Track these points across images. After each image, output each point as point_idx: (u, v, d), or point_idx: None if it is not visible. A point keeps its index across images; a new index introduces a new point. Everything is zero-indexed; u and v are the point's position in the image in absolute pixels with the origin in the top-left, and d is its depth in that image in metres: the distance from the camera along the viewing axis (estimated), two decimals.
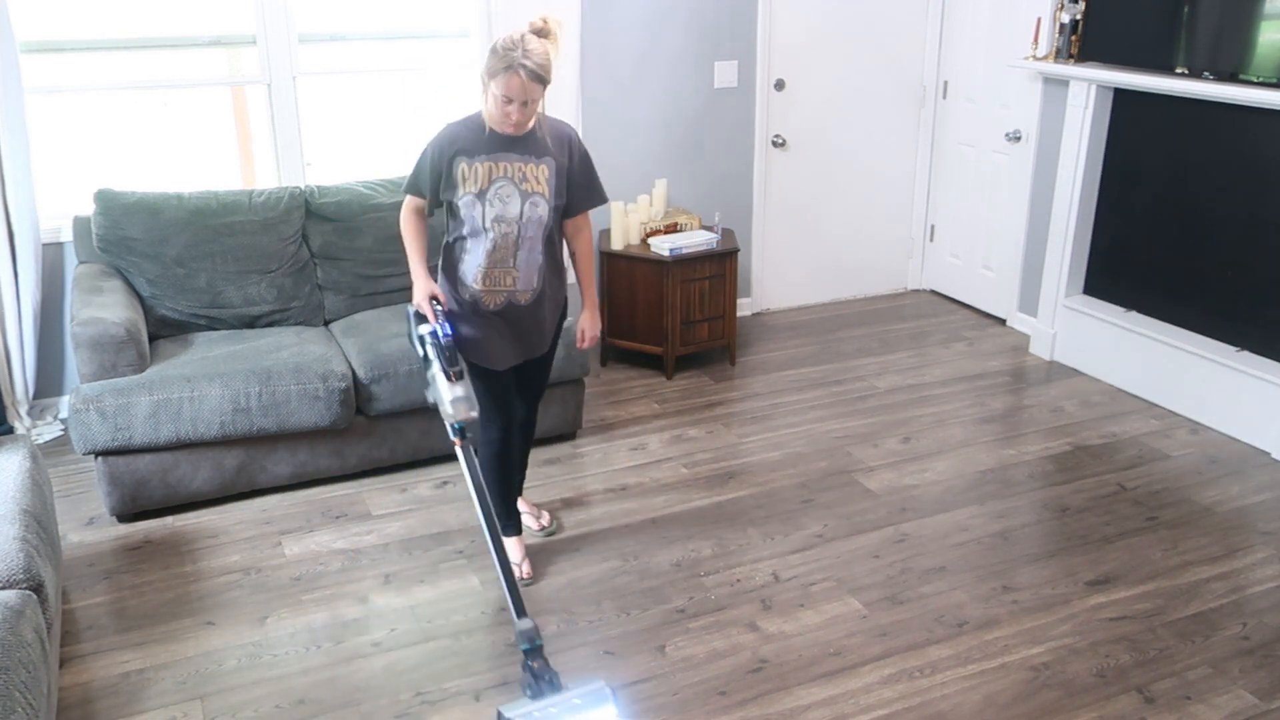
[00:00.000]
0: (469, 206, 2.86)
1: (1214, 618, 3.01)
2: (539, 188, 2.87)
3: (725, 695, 2.70)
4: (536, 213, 2.88)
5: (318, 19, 4.32)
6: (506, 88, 2.71)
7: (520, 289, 2.97)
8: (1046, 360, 4.88)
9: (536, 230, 2.91)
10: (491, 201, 2.85)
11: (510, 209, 2.86)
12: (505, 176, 2.85)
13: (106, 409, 3.30)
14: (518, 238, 2.89)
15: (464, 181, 2.84)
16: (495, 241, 2.88)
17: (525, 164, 2.85)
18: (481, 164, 2.83)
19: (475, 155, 2.83)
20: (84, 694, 2.70)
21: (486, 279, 2.92)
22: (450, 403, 2.69)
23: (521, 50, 2.69)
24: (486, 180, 2.84)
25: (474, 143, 2.83)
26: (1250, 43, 3.82)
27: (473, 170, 2.83)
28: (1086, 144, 4.56)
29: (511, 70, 2.68)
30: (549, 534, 3.44)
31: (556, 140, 2.91)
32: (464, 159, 2.83)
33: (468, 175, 2.84)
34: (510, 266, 2.92)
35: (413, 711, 2.64)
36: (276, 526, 3.47)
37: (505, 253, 2.90)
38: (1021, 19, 4.86)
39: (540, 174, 2.87)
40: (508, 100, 2.73)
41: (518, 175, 2.85)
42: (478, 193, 2.85)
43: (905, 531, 3.46)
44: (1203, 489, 3.73)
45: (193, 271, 3.85)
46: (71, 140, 4.14)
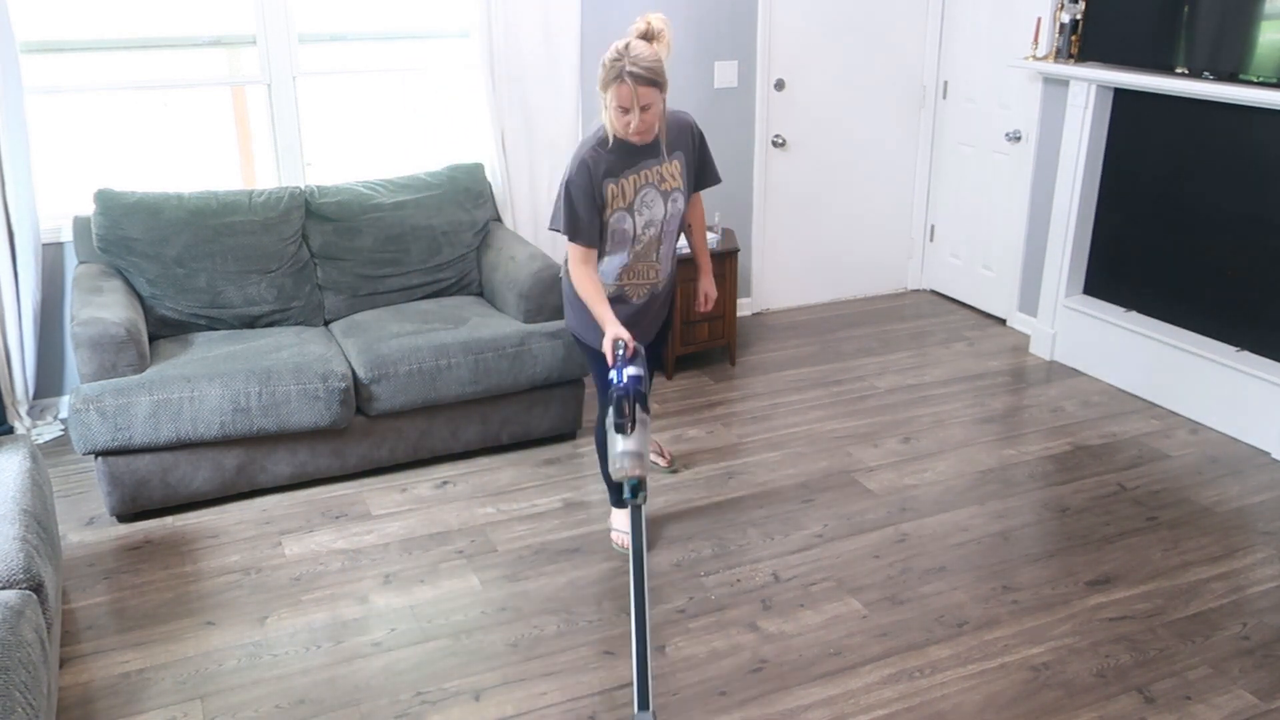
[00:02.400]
0: (619, 221, 2.94)
1: (1214, 618, 3.01)
2: (676, 184, 3.00)
3: (725, 695, 2.70)
4: (677, 207, 3.03)
5: (318, 19, 4.32)
6: (619, 98, 2.75)
7: (661, 279, 3.14)
8: (1046, 360, 4.88)
9: (676, 223, 3.06)
10: (639, 211, 2.96)
11: (656, 212, 2.99)
12: (649, 184, 2.95)
13: (106, 409, 3.30)
14: (660, 234, 3.03)
15: (612, 200, 2.92)
16: (644, 244, 3.01)
17: (661, 165, 2.96)
18: (628, 179, 2.91)
19: (619, 174, 2.90)
20: (84, 694, 2.70)
21: (630, 274, 3.05)
22: (617, 456, 2.53)
23: (628, 58, 2.72)
24: (634, 192, 2.93)
25: (612, 162, 2.89)
26: (1250, 43, 3.82)
27: (620, 188, 2.91)
28: (1086, 144, 4.57)
29: (620, 80, 2.73)
30: (673, 471, 3.69)
31: (679, 132, 3.00)
32: (611, 181, 2.90)
33: (616, 194, 2.92)
34: (654, 260, 3.08)
35: (413, 711, 2.64)
36: (276, 526, 3.47)
37: (649, 249, 3.04)
38: (1021, 19, 4.86)
39: (675, 170, 2.99)
40: (624, 110, 2.78)
41: (656, 178, 2.96)
42: (626, 207, 2.93)
43: (905, 531, 3.46)
44: (1203, 489, 3.73)
45: (193, 271, 3.85)
46: (71, 140, 4.14)
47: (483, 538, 3.41)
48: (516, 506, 3.60)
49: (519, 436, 3.96)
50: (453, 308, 4.06)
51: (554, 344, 3.83)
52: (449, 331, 3.80)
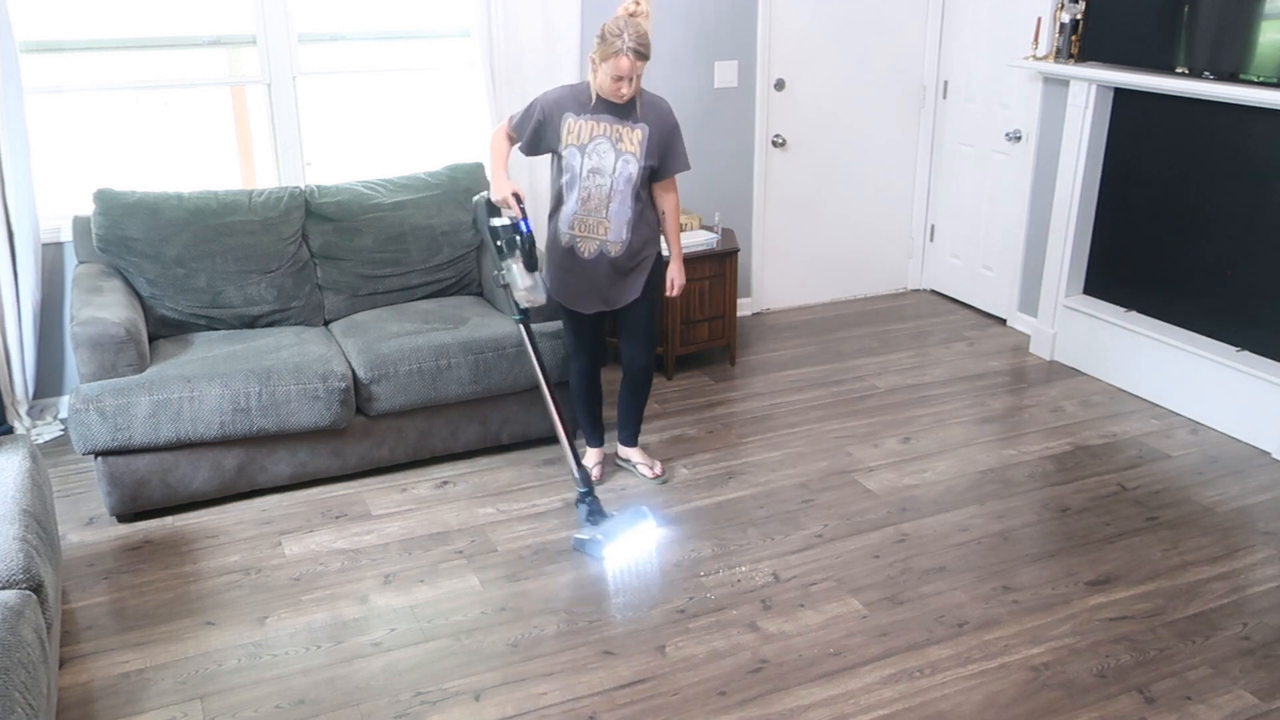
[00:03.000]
0: (571, 156, 3.31)
1: (1214, 618, 3.01)
2: (632, 148, 3.30)
3: (725, 695, 2.70)
4: (627, 169, 3.31)
5: (318, 19, 4.32)
6: (616, 68, 3.15)
7: (611, 239, 3.38)
8: (1046, 360, 4.88)
9: (626, 185, 3.32)
10: (590, 154, 3.30)
11: (605, 162, 3.30)
12: (604, 135, 3.29)
13: (106, 409, 3.30)
14: (609, 190, 3.32)
15: (568, 134, 3.30)
16: (590, 191, 3.33)
17: (622, 126, 3.30)
18: (585, 122, 3.30)
19: (581, 114, 3.30)
20: (84, 694, 2.70)
21: (581, 225, 3.37)
22: (525, 289, 3.28)
23: (628, 34, 3.11)
24: (588, 136, 3.29)
25: (581, 105, 3.30)
26: (1250, 43, 3.82)
27: (577, 126, 3.30)
28: (1086, 144, 4.56)
29: (620, 53, 3.12)
30: (663, 482, 3.77)
31: (653, 110, 3.32)
32: (571, 116, 3.30)
33: (573, 129, 3.30)
34: (603, 216, 3.35)
35: (413, 711, 2.64)
36: (276, 526, 3.47)
37: (599, 203, 3.34)
38: (1021, 19, 4.86)
39: (635, 136, 3.30)
40: (618, 79, 3.17)
41: (614, 135, 3.29)
42: (579, 146, 3.30)
43: (905, 531, 3.46)
44: (1203, 489, 3.73)
45: (193, 271, 3.85)
46: (71, 140, 4.14)
47: (483, 538, 3.41)
48: (516, 506, 3.60)
49: (519, 436, 3.96)
50: (453, 308, 4.06)
51: (554, 344, 3.83)
52: (449, 331, 3.80)
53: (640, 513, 3.35)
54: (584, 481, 3.37)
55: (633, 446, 3.83)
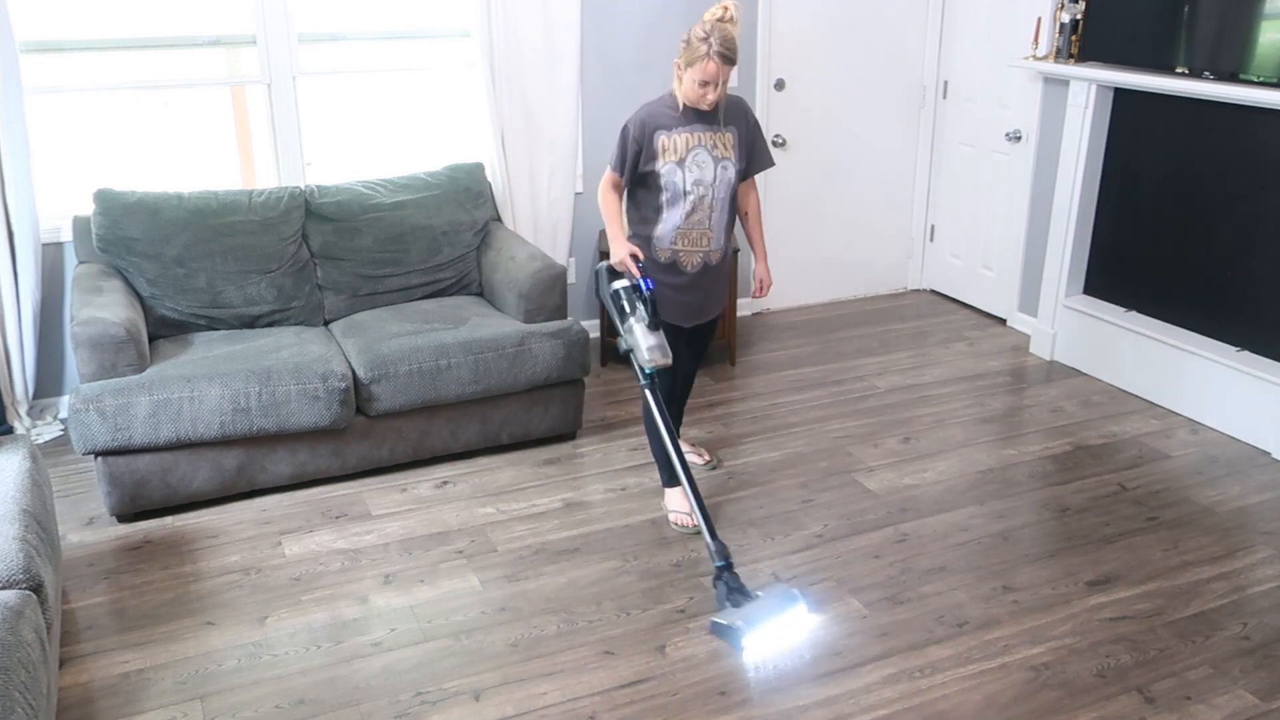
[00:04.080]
0: (670, 173, 3.21)
1: (1214, 618, 3.01)
2: (728, 153, 3.25)
3: (725, 695, 2.70)
4: (727, 175, 3.26)
5: (318, 19, 4.32)
6: (704, 73, 3.08)
7: (713, 249, 3.34)
8: (1046, 360, 4.88)
9: (726, 191, 3.29)
10: (690, 168, 3.22)
11: (706, 173, 3.23)
12: (700, 145, 3.22)
13: (106, 409, 3.30)
14: (712, 200, 3.26)
15: (664, 152, 3.20)
16: (694, 203, 3.25)
17: (715, 133, 3.23)
18: (679, 135, 3.20)
19: (673, 129, 3.20)
20: (84, 694, 2.70)
21: (684, 239, 3.28)
22: (648, 349, 3.05)
23: (714, 39, 3.05)
24: (685, 149, 3.21)
25: (670, 118, 3.21)
26: (1250, 43, 3.82)
27: (672, 141, 3.20)
28: (1086, 144, 4.56)
29: (707, 58, 3.06)
30: (712, 468, 3.78)
31: (736, 111, 3.28)
32: (663, 133, 3.20)
33: (668, 146, 3.20)
34: (706, 227, 3.29)
35: (413, 711, 2.64)
36: (276, 526, 3.47)
37: (703, 214, 3.27)
38: (1021, 19, 4.86)
39: (727, 140, 3.25)
40: (704, 84, 3.11)
41: (709, 143, 3.23)
42: (678, 160, 3.21)
43: (905, 531, 3.46)
44: (1203, 489, 3.73)
45: (193, 271, 3.85)
46: (71, 140, 4.14)
47: (483, 538, 3.41)
48: (516, 506, 3.60)
49: (519, 436, 3.96)
50: (453, 308, 4.06)
51: (554, 344, 3.83)
52: (449, 331, 3.80)
53: (790, 596, 2.72)
54: (721, 554, 2.82)
55: None
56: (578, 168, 4.77)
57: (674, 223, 3.26)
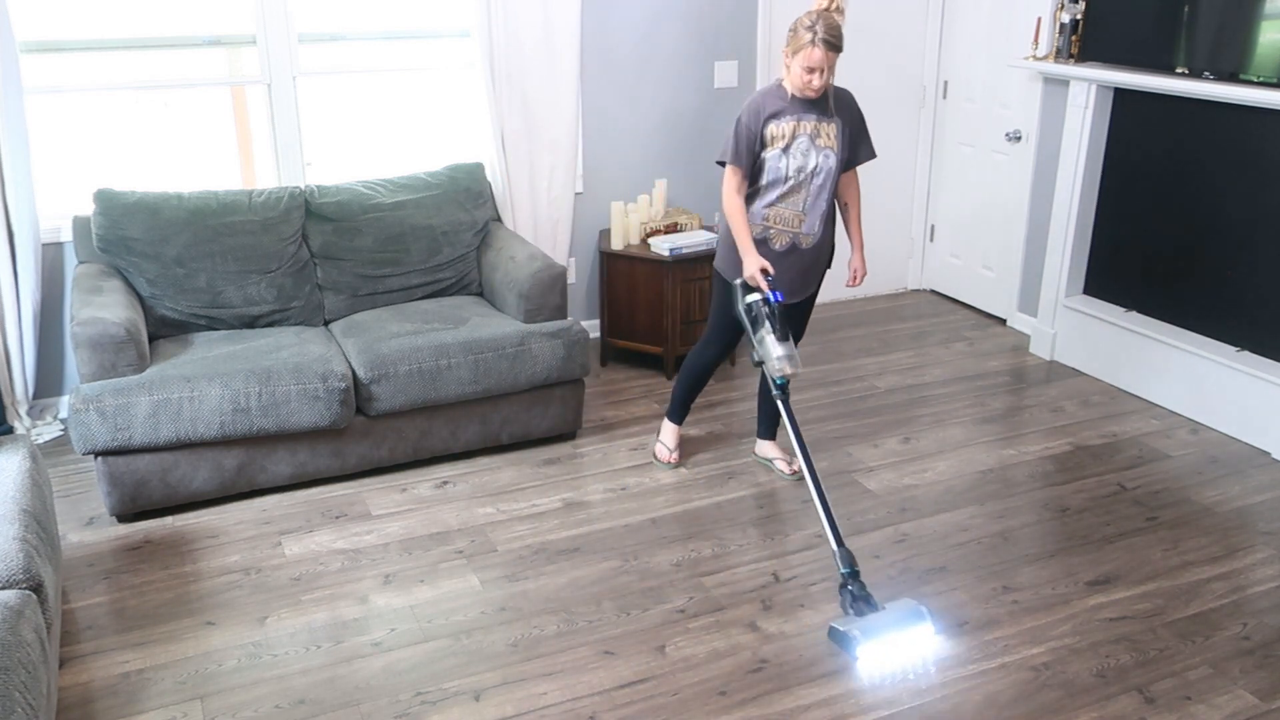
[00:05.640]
0: (775, 159, 3.33)
1: (1214, 618, 3.01)
2: (830, 143, 3.34)
3: (725, 695, 2.70)
4: (828, 164, 3.35)
5: (318, 19, 4.32)
6: (809, 59, 3.17)
7: (804, 232, 3.41)
8: (1046, 360, 4.88)
9: (825, 179, 3.36)
10: (794, 154, 3.32)
11: (809, 160, 3.33)
12: (805, 134, 3.32)
13: (106, 409, 3.30)
14: (810, 186, 3.35)
15: (772, 140, 3.32)
16: (791, 187, 3.35)
17: (820, 123, 3.33)
18: (788, 123, 3.31)
19: (782, 116, 3.30)
20: (84, 694, 2.70)
21: (776, 217, 3.38)
22: (777, 359, 3.15)
23: (820, 26, 3.14)
24: (791, 136, 3.31)
25: (780, 107, 3.31)
26: (1250, 43, 3.82)
27: (780, 129, 3.31)
28: (1086, 144, 4.56)
29: (814, 45, 3.15)
30: (799, 478, 3.76)
31: (841, 103, 3.37)
32: (773, 121, 3.31)
33: (776, 134, 3.31)
34: (800, 210, 3.38)
35: (413, 711, 2.64)
36: (276, 526, 3.47)
37: (797, 197, 3.36)
38: (1021, 19, 4.86)
39: (831, 131, 3.34)
40: (810, 70, 3.19)
41: (814, 132, 3.32)
42: (784, 147, 3.32)
43: (905, 531, 3.45)
44: (1203, 489, 3.73)
45: (193, 271, 3.85)
46: (71, 140, 4.14)
47: (483, 538, 3.41)
48: (516, 506, 3.60)
49: (519, 436, 3.96)
50: (453, 308, 4.06)
51: (554, 344, 3.83)
52: (449, 331, 3.80)
53: (917, 613, 2.69)
54: (846, 562, 2.83)
55: (770, 440, 3.86)
56: (578, 168, 4.77)
57: (769, 200, 3.37)
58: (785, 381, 3.18)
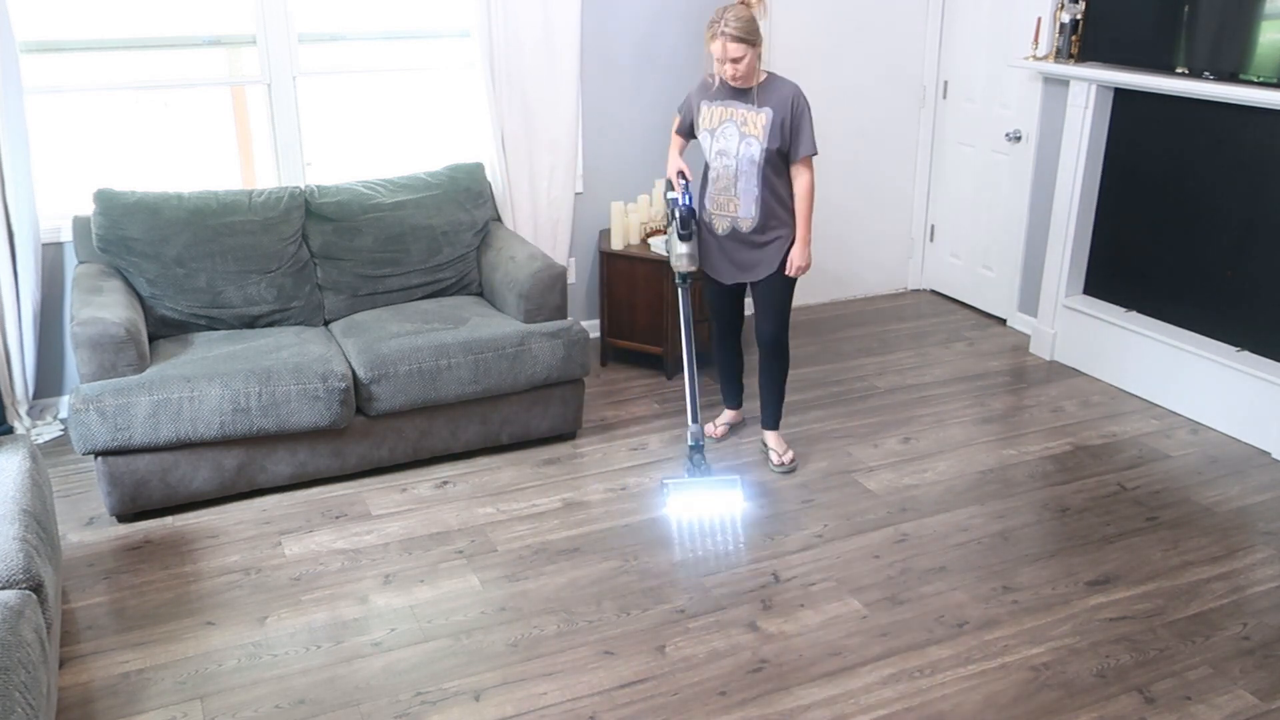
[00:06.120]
0: (704, 139, 3.63)
1: (1214, 618, 3.01)
2: (755, 131, 3.51)
3: (725, 695, 2.70)
4: (750, 151, 3.52)
5: (318, 19, 4.32)
6: (718, 50, 3.41)
7: (741, 216, 3.61)
8: (1046, 360, 4.88)
9: (750, 166, 3.54)
10: (718, 137, 3.58)
11: (730, 145, 3.55)
12: (730, 119, 3.54)
13: (106, 409, 3.30)
14: (735, 170, 3.56)
15: (702, 120, 3.62)
16: (719, 171, 3.61)
17: (748, 111, 3.53)
18: (715, 107, 3.59)
19: (714, 101, 3.59)
20: (84, 694, 2.70)
21: (713, 202, 3.66)
22: (677, 256, 3.65)
23: (723, 20, 3.37)
24: (717, 121, 3.58)
25: (715, 91, 3.59)
26: (1250, 43, 3.82)
27: (708, 111, 3.60)
28: (1086, 144, 4.56)
29: (717, 36, 3.39)
30: (788, 471, 3.83)
31: (776, 94, 3.51)
32: (705, 103, 3.61)
33: (705, 115, 3.61)
34: (732, 195, 3.60)
35: (413, 711, 2.64)
36: (276, 526, 3.47)
37: (727, 182, 3.60)
38: (1021, 19, 4.86)
39: (759, 120, 3.51)
40: (720, 61, 3.43)
41: (739, 119, 3.53)
42: (709, 130, 3.60)
43: (905, 531, 3.46)
44: (1203, 489, 3.73)
45: (193, 271, 3.85)
46: (71, 140, 4.14)
47: (483, 538, 3.41)
48: (516, 506, 3.60)
49: (519, 436, 3.96)
50: (453, 308, 4.06)
51: (554, 344, 3.83)
52: (449, 331, 3.80)
53: (730, 480, 3.56)
54: (695, 437, 3.64)
55: (771, 429, 3.93)
56: (578, 168, 4.77)
57: (709, 188, 3.66)
58: (686, 276, 3.67)
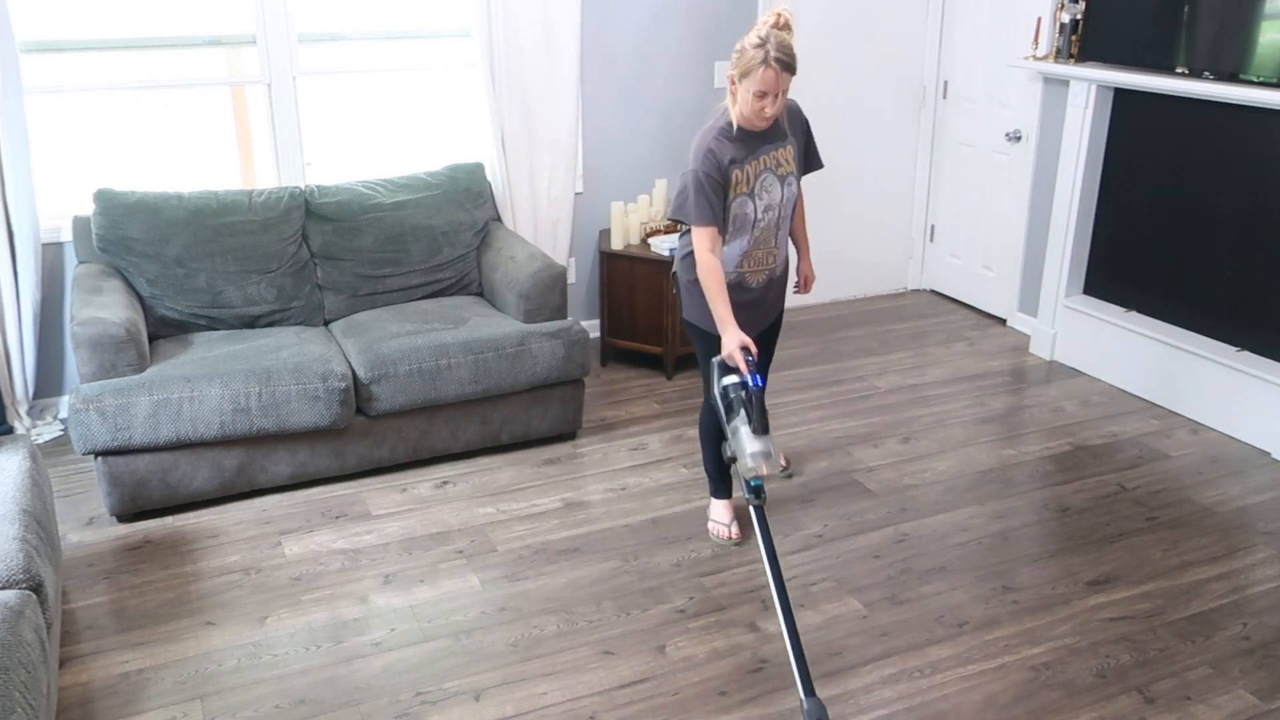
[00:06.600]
0: (741, 206, 3.01)
1: (1214, 618, 3.01)
2: (790, 168, 3.08)
3: (725, 695, 2.70)
4: (792, 191, 3.10)
5: (318, 19, 4.32)
6: (762, 83, 2.81)
7: (777, 264, 3.21)
8: (1046, 360, 4.88)
9: (791, 207, 3.13)
10: (759, 195, 3.03)
11: (774, 195, 3.06)
12: (766, 169, 3.02)
13: (106, 409, 3.30)
14: (778, 219, 3.11)
15: (736, 185, 2.98)
16: (763, 229, 3.08)
17: (777, 150, 3.04)
18: (749, 165, 2.99)
19: (743, 161, 2.97)
20: (84, 694, 2.70)
21: (750, 260, 3.11)
22: (751, 456, 2.62)
23: (771, 45, 2.78)
24: (754, 177, 3.01)
25: (736, 150, 2.96)
26: (1250, 43, 3.82)
27: (743, 174, 2.98)
28: (1086, 144, 4.56)
29: (765, 65, 2.78)
30: (787, 475, 3.70)
31: (792, 118, 3.11)
32: (735, 167, 2.96)
33: (740, 179, 2.98)
34: (773, 246, 3.14)
35: (413, 711, 2.64)
36: (276, 526, 3.47)
37: (769, 234, 3.11)
38: (1021, 19, 4.86)
39: (789, 155, 3.08)
40: (762, 95, 2.84)
41: (774, 163, 3.04)
42: (748, 192, 3.01)
43: (905, 531, 3.46)
44: (1203, 489, 3.73)
45: (193, 271, 3.85)
46: (71, 140, 4.14)
47: (483, 538, 3.41)
48: (516, 506, 3.60)
49: (519, 436, 3.96)
50: (453, 308, 4.06)
51: (554, 344, 3.83)
52: (449, 331, 3.80)
53: None
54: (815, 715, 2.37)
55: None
56: (578, 168, 4.77)
57: (740, 248, 3.08)
58: (760, 484, 2.67)
